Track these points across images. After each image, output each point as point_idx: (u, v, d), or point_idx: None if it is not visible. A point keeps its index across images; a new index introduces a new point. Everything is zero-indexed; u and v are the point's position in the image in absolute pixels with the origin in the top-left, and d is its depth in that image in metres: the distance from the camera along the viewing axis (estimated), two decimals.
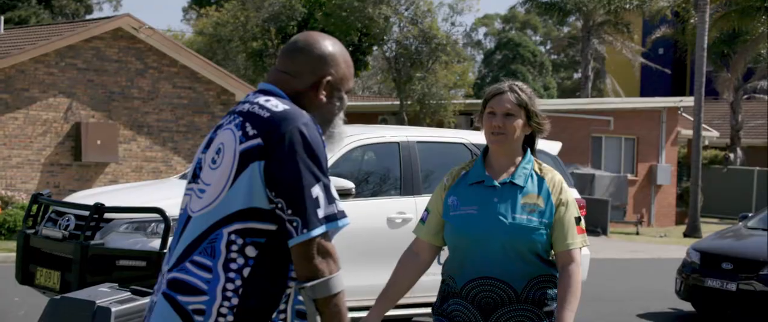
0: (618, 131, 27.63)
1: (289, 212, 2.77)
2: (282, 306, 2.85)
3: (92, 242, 7.69)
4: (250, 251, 2.82)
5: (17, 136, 19.30)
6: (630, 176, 27.62)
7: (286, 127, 2.80)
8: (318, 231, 2.76)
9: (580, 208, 9.67)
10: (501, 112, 3.72)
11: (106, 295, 5.12)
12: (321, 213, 2.77)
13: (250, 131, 2.84)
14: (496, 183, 3.74)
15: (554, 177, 3.79)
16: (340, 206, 2.83)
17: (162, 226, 7.63)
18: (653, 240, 24.04)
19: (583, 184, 24.62)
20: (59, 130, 19.76)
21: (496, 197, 3.72)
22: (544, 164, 3.82)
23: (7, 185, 19.12)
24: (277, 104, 2.87)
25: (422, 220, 3.93)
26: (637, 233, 25.45)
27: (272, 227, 2.82)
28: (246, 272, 2.81)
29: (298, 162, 2.78)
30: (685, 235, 25.11)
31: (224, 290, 2.81)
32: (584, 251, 10.04)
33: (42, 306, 4.87)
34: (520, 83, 3.80)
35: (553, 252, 3.78)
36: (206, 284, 2.83)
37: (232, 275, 2.82)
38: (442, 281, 3.86)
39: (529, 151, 3.81)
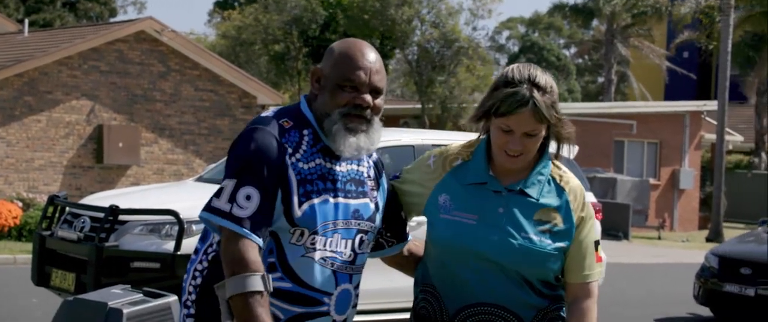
0: (641, 135, 27.52)
1: None
2: None
3: (107, 244, 7.73)
4: (217, 237, 2.95)
5: (40, 138, 19.44)
6: (652, 181, 27.49)
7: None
8: (200, 213, 2.88)
9: (596, 213, 9.59)
10: (520, 132, 2.91)
11: (118, 297, 5.16)
12: (214, 203, 2.85)
13: None
14: (503, 189, 2.98)
15: (576, 187, 3.04)
16: (240, 213, 2.80)
17: (176, 228, 7.66)
18: (675, 245, 23.90)
19: (605, 188, 24.54)
20: (82, 133, 19.89)
21: (502, 207, 2.96)
22: (563, 168, 3.07)
23: (30, 187, 19.26)
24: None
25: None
26: (659, 238, 25.32)
27: None
28: (211, 255, 2.97)
29: (229, 157, 2.94)
30: (708, 240, 24.96)
31: (195, 269, 3.00)
32: (600, 253, 9.98)
33: None
34: (540, 79, 2.91)
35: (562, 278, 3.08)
36: (191, 263, 3.04)
37: (203, 256, 3.00)
38: (421, 297, 3.10)
39: (546, 151, 3.03)
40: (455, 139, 9.58)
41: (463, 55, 27.05)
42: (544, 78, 2.92)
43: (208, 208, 2.84)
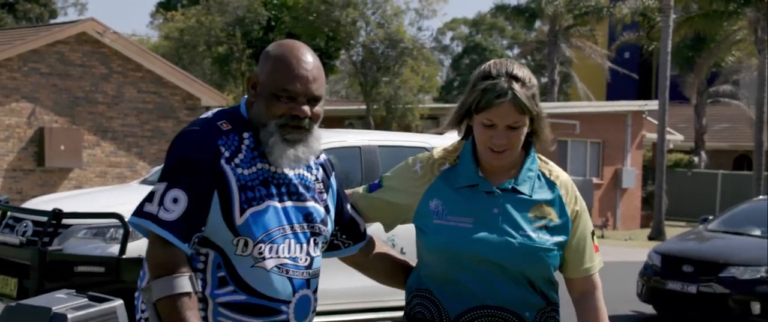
0: (584, 135, 27.78)
1: None
2: (201, 313, 2.77)
3: (50, 248, 7.63)
4: None
5: None
6: (595, 180, 27.77)
7: None
8: (130, 218, 2.80)
9: None
10: (503, 125, 2.87)
11: (62, 301, 5.09)
12: (146, 207, 2.74)
13: None
14: (495, 189, 2.93)
15: (566, 181, 3.02)
16: (166, 216, 2.70)
17: (121, 231, 7.58)
18: (618, 243, 24.16)
19: None
20: (22, 136, 19.61)
21: (497, 208, 2.91)
22: (550, 163, 3.05)
23: None
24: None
25: (369, 189, 3.15)
26: (602, 236, 25.57)
27: None
28: None
29: (165, 160, 2.84)
30: (650, 238, 25.28)
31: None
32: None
33: None
34: (518, 72, 2.90)
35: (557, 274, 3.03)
36: (141, 280, 2.93)
37: None
38: (416, 302, 3.02)
39: (532, 147, 3.00)
40: (401, 139, 9.57)
41: (407, 56, 27.11)
42: (522, 71, 2.90)
43: (138, 212, 2.75)
